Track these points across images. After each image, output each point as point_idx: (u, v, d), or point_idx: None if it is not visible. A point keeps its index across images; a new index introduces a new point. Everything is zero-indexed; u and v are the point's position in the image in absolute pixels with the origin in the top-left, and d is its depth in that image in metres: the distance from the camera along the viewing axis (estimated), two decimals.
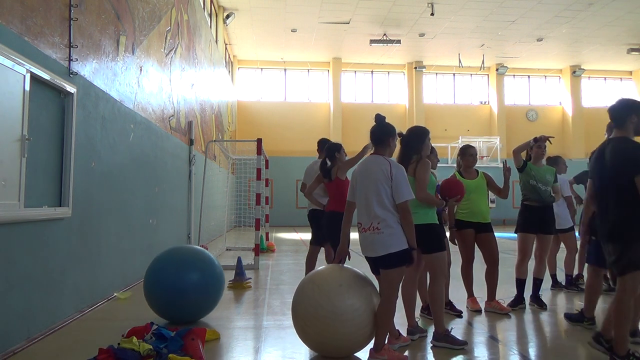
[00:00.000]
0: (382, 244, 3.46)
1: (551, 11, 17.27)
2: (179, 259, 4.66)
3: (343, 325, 3.42)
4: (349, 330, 3.45)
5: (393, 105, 24.30)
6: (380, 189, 3.49)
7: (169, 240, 8.71)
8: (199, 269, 4.60)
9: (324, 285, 3.56)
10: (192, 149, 10.72)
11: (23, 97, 3.74)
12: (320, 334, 3.51)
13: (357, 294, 3.50)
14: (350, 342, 3.53)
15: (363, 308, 3.47)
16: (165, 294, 4.47)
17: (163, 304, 4.54)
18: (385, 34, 19.66)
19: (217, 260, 4.93)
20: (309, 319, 3.54)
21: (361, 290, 3.54)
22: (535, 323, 4.85)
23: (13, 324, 3.78)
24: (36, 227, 4.08)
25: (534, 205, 5.35)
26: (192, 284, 4.48)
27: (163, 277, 4.50)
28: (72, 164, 4.58)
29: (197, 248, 4.94)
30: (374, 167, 3.59)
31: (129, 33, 6.51)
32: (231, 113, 20.47)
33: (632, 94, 25.14)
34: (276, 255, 10.57)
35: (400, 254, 3.45)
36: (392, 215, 3.48)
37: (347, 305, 3.44)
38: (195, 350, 3.48)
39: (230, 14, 17.34)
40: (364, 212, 3.58)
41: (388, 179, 3.49)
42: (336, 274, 3.66)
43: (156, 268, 4.62)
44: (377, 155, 3.68)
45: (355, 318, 3.44)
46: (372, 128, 3.77)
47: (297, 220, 22.20)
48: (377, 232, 3.47)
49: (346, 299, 3.45)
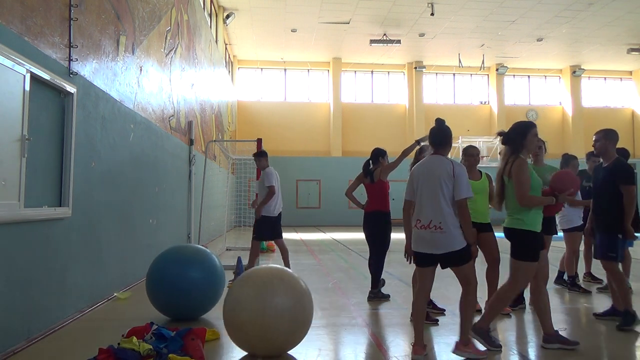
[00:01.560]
0: (444, 241, 3.60)
1: (551, 11, 17.28)
2: (181, 256, 4.76)
3: (272, 323, 3.47)
4: (279, 327, 3.50)
5: (393, 105, 24.30)
6: (444, 187, 3.63)
7: (169, 240, 8.71)
8: (201, 266, 4.69)
9: (252, 285, 3.62)
10: (192, 149, 10.72)
11: (23, 97, 3.74)
12: (250, 333, 3.52)
13: (285, 292, 3.58)
14: (280, 340, 3.56)
15: (292, 305, 3.54)
16: (168, 291, 4.55)
17: (165, 301, 4.62)
18: (385, 34, 19.66)
19: (219, 259, 5.01)
20: (240, 319, 3.54)
21: (290, 288, 3.62)
22: (535, 323, 4.85)
23: (13, 324, 3.77)
24: (36, 227, 4.07)
25: None
26: (195, 281, 4.56)
27: (166, 275, 4.58)
28: (72, 164, 4.58)
29: (199, 247, 5.04)
30: (437, 166, 3.72)
31: (129, 33, 6.51)
32: (231, 113, 20.47)
33: (632, 94, 25.16)
34: (276, 255, 10.56)
35: (463, 250, 3.62)
36: (453, 213, 3.63)
37: (276, 303, 3.50)
38: (196, 350, 3.48)
39: (230, 14, 17.34)
40: (424, 210, 3.71)
41: (451, 177, 3.63)
42: (265, 273, 3.76)
43: (159, 265, 4.72)
44: (439, 156, 3.81)
45: (285, 316, 3.49)
46: (433, 130, 3.91)
47: (297, 220, 22.22)
48: (439, 230, 3.61)
49: (275, 297, 3.51)
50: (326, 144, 23.59)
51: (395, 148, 25.36)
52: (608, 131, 4.78)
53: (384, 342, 4.13)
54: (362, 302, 5.64)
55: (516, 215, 3.87)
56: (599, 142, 4.74)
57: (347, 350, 4.03)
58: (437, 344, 4.09)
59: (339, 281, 7.06)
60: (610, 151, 4.72)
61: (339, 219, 22.45)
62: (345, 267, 8.51)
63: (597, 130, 4.88)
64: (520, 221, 3.83)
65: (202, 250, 4.96)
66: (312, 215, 22.62)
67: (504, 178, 3.95)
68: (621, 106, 25.41)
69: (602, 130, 4.83)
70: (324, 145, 23.60)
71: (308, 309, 3.70)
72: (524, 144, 3.90)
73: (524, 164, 3.81)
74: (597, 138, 4.78)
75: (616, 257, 4.59)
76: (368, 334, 4.35)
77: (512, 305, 5.26)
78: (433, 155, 3.87)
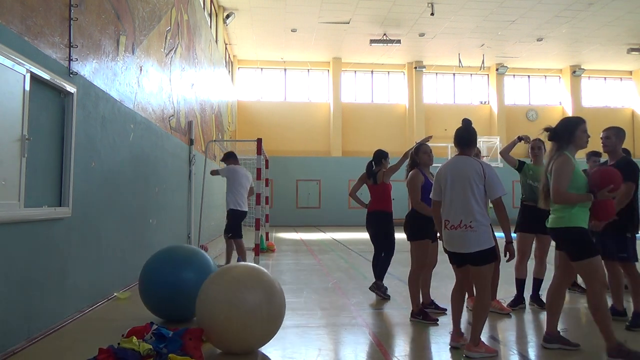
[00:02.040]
0: (474, 240, 3.68)
1: (551, 11, 17.27)
2: (174, 257, 4.69)
3: (244, 319, 3.55)
4: (250, 323, 3.57)
5: (393, 105, 24.30)
6: (474, 187, 3.70)
7: (169, 240, 8.71)
8: (194, 267, 4.61)
9: (224, 282, 3.74)
10: (192, 149, 10.72)
11: (23, 97, 3.74)
12: (222, 329, 3.61)
13: (257, 289, 3.67)
14: (251, 337, 3.65)
15: (263, 302, 3.62)
16: (160, 293, 4.51)
17: (158, 302, 4.59)
18: (385, 34, 19.66)
19: (213, 260, 4.94)
20: (213, 316, 3.62)
21: (260, 286, 3.71)
22: (535, 323, 4.86)
23: (13, 324, 3.78)
24: (36, 227, 4.08)
25: (532, 205, 5.35)
26: (188, 282, 4.46)
27: (159, 276, 4.54)
28: (72, 164, 4.58)
29: (193, 247, 4.99)
30: (465, 167, 3.78)
31: (129, 33, 6.51)
32: (231, 113, 20.47)
33: (632, 94, 25.16)
34: (276, 255, 10.57)
35: (490, 251, 3.71)
36: (483, 213, 3.71)
37: (248, 300, 3.59)
38: (195, 350, 3.48)
39: (230, 14, 17.34)
40: (452, 210, 3.78)
41: (482, 177, 3.71)
42: (238, 271, 3.92)
43: (152, 267, 4.67)
44: (465, 156, 3.87)
45: (256, 312, 3.57)
46: (459, 130, 3.94)
47: (297, 220, 22.22)
48: (469, 230, 3.69)
49: (246, 294, 3.61)
50: (326, 144, 23.59)
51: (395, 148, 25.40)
52: (619, 130, 4.71)
53: (384, 342, 4.13)
54: (362, 302, 5.64)
55: (559, 213, 3.78)
56: (610, 140, 4.67)
57: (347, 350, 4.03)
58: (437, 344, 4.09)
59: (339, 281, 7.06)
60: (618, 150, 4.70)
61: (339, 219, 22.45)
62: (345, 267, 8.52)
63: (605, 128, 4.78)
64: (562, 219, 3.75)
65: (196, 251, 4.90)
66: (312, 215, 22.61)
67: (547, 175, 3.89)
68: (621, 106, 25.41)
69: (612, 128, 4.73)
70: (324, 145, 23.60)
71: (278, 305, 3.77)
72: (572, 140, 3.81)
73: (566, 161, 3.72)
74: (607, 135, 4.69)
75: (628, 258, 4.55)
76: (368, 333, 4.35)
77: (512, 306, 5.27)
78: (459, 155, 3.92)
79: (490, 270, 3.80)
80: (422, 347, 4.13)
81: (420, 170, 5.02)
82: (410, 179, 4.98)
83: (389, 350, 3.93)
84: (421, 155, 5.03)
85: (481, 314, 3.74)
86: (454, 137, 3.98)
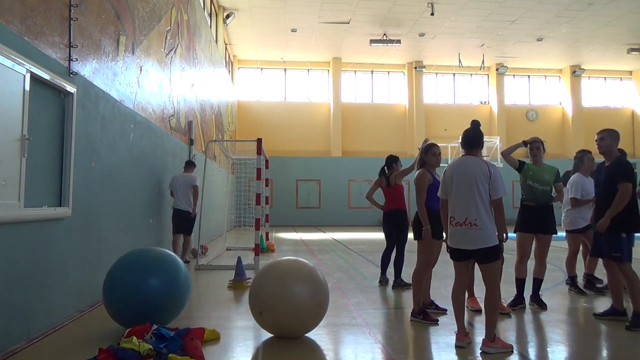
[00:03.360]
0: (478, 238, 3.80)
1: (551, 11, 17.28)
2: (140, 262, 4.24)
3: (294, 309, 3.96)
4: (299, 312, 3.99)
5: (393, 105, 24.30)
6: (480, 186, 3.82)
7: (169, 239, 8.71)
8: (161, 273, 4.18)
9: (277, 275, 4.15)
10: (192, 149, 10.72)
11: (23, 97, 3.74)
12: (275, 317, 4.02)
13: (304, 282, 4.07)
14: (300, 324, 4.08)
15: (309, 293, 4.02)
16: (122, 301, 4.07)
17: (119, 311, 4.14)
18: (385, 34, 19.66)
19: (184, 265, 4.52)
20: (266, 305, 4.02)
21: (308, 278, 4.11)
22: (535, 323, 4.85)
23: (13, 324, 3.78)
24: (36, 227, 4.08)
25: (531, 205, 5.36)
26: (152, 290, 4.06)
27: (122, 282, 4.09)
28: (72, 164, 4.58)
29: (163, 251, 4.50)
30: (472, 166, 3.90)
31: (129, 33, 6.51)
32: (231, 113, 20.47)
33: (632, 94, 25.16)
34: (276, 255, 10.57)
35: (494, 248, 3.83)
36: (487, 211, 3.82)
37: (296, 291, 4.00)
38: (195, 350, 3.48)
39: (230, 14, 17.34)
40: (458, 207, 3.90)
41: (487, 177, 3.83)
42: (287, 265, 4.31)
43: (115, 272, 4.18)
44: (472, 157, 3.99)
45: (303, 302, 3.98)
46: (468, 132, 4.06)
47: (297, 220, 22.22)
48: (474, 227, 3.81)
49: (295, 286, 4.03)
50: (326, 144, 23.59)
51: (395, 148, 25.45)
52: (612, 131, 4.81)
53: (384, 342, 4.13)
54: (362, 302, 5.64)
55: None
56: (605, 142, 4.74)
57: (347, 350, 4.03)
58: (437, 344, 4.09)
59: (338, 281, 7.05)
60: (613, 151, 4.78)
61: (339, 219, 22.45)
62: (345, 267, 8.51)
63: (599, 130, 4.87)
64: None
65: (166, 255, 4.39)
66: (312, 215, 22.61)
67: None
68: (621, 106, 25.41)
69: (606, 129, 4.82)
70: (324, 145, 23.59)
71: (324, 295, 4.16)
72: None
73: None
74: (602, 137, 4.77)
75: (621, 257, 4.57)
76: (368, 334, 4.35)
77: (512, 305, 5.26)
78: (466, 155, 4.04)
79: (498, 267, 3.92)
80: (422, 347, 4.13)
81: (428, 170, 5.07)
82: (417, 178, 5.01)
83: (389, 350, 3.92)
84: (430, 157, 5.10)
85: (493, 309, 3.84)
86: (462, 138, 4.09)
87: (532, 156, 5.47)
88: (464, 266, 4.02)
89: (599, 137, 4.81)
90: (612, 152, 4.76)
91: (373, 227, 21.53)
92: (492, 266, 3.87)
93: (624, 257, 4.58)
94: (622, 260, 4.58)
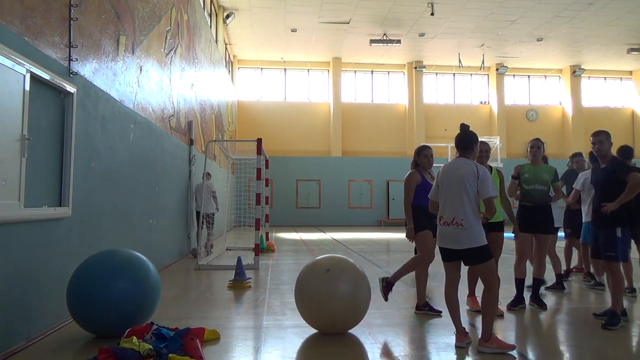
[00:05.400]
0: (465, 238, 3.84)
1: (551, 11, 17.28)
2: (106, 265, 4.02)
3: (336, 305, 4.10)
4: (341, 309, 4.11)
5: (393, 105, 24.30)
6: (467, 186, 3.87)
7: (169, 239, 8.72)
8: (127, 277, 3.99)
9: (318, 273, 4.30)
10: (192, 149, 10.72)
11: (23, 97, 3.74)
12: (319, 313, 4.17)
13: (345, 279, 4.21)
14: (343, 320, 4.19)
15: (351, 290, 4.15)
16: (86, 306, 3.86)
17: (82, 316, 3.93)
18: (385, 34, 19.66)
19: (154, 267, 4.34)
20: (310, 301, 4.20)
21: (349, 276, 4.24)
22: (535, 323, 4.85)
23: (13, 324, 3.78)
24: (36, 227, 4.07)
25: (529, 206, 5.38)
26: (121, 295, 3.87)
27: (86, 286, 3.88)
28: (72, 164, 4.58)
29: (131, 253, 4.30)
30: (462, 168, 3.96)
31: (129, 33, 6.51)
32: (231, 113, 20.47)
33: (632, 94, 25.16)
34: (276, 255, 10.57)
35: (482, 248, 3.85)
36: (475, 212, 3.86)
37: (337, 288, 4.13)
38: (195, 350, 3.48)
39: (230, 14, 17.34)
40: (447, 207, 3.95)
41: (475, 178, 3.88)
42: (326, 263, 4.43)
43: (79, 274, 3.97)
44: (464, 159, 4.05)
45: (345, 299, 4.11)
46: (458, 136, 4.13)
47: (297, 220, 22.22)
48: (460, 227, 3.85)
49: (337, 283, 4.15)
50: (326, 144, 23.59)
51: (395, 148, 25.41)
52: (608, 133, 4.87)
53: (384, 342, 4.13)
54: None
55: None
56: (604, 145, 4.81)
57: (347, 350, 4.03)
58: (437, 344, 4.09)
59: None
60: (609, 153, 4.86)
61: (339, 219, 22.46)
62: None
63: (594, 132, 4.93)
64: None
65: (135, 257, 4.21)
66: (312, 215, 22.61)
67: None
68: (621, 106, 25.42)
69: (601, 132, 4.87)
70: (324, 145, 23.60)
71: (365, 291, 4.29)
72: None
73: None
74: (599, 140, 4.83)
75: (616, 257, 4.62)
76: (368, 334, 4.35)
77: (512, 305, 5.27)
78: (458, 157, 4.10)
79: (490, 268, 3.91)
80: (422, 347, 4.13)
81: (418, 171, 5.14)
82: (407, 179, 5.14)
83: (389, 350, 3.92)
84: (422, 159, 5.17)
85: (488, 310, 3.85)
86: (454, 141, 4.17)
87: (532, 155, 5.48)
88: (453, 266, 4.06)
89: (597, 139, 4.85)
90: (608, 155, 4.85)
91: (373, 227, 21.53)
92: (482, 267, 3.89)
93: (618, 257, 4.64)
94: (616, 259, 4.64)
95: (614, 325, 4.48)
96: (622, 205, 4.63)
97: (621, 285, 4.69)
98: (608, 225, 4.68)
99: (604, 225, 4.72)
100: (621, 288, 4.69)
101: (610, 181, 4.72)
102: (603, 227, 4.73)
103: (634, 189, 4.60)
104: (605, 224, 4.70)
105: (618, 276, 4.66)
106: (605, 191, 4.76)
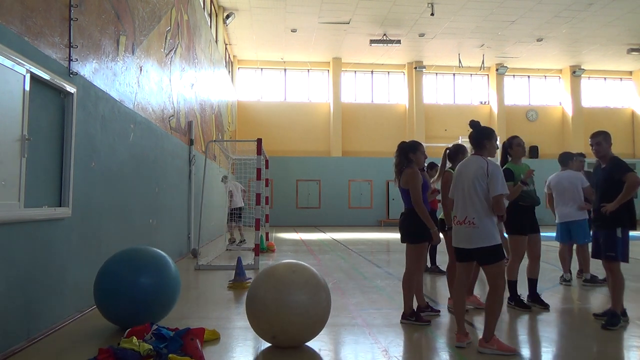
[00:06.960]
0: (476, 236, 3.79)
1: (551, 11, 17.28)
2: (132, 262, 4.35)
3: (292, 316, 3.72)
4: (297, 320, 3.74)
5: (393, 105, 24.30)
6: (477, 185, 3.83)
7: (169, 240, 8.72)
8: (152, 273, 4.28)
9: (274, 281, 3.87)
10: (192, 149, 10.72)
11: (23, 97, 3.74)
12: (271, 325, 3.77)
13: (304, 289, 3.81)
14: (299, 333, 3.83)
15: (309, 301, 3.77)
16: (115, 299, 4.15)
17: (111, 309, 4.22)
18: (385, 34, 19.66)
19: (174, 264, 4.59)
20: (261, 311, 3.80)
21: (308, 286, 3.85)
22: (535, 323, 4.85)
23: (13, 324, 3.78)
24: (36, 227, 4.08)
25: (526, 206, 5.32)
26: (144, 289, 4.15)
27: (113, 282, 4.19)
28: (72, 164, 4.58)
29: (154, 251, 4.58)
30: (473, 165, 3.93)
31: (129, 33, 6.51)
32: (231, 113, 20.47)
33: (632, 94, 25.16)
34: (276, 255, 10.57)
35: (494, 248, 3.78)
36: (486, 210, 3.81)
37: (294, 298, 3.75)
38: (195, 350, 3.48)
39: (230, 14, 17.34)
40: (459, 206, 3.94)
41: (485, 175, 3.82)
42: (287, 270, 3.99)
43: (106, 271, 4.30)
44: (477, 156, 4.01)
45: (302, 310, 3.73)
46: (470, 134, 4.07)
47: (297, 220, 22.22)
48: (472, 226, 3.81)
49: (294, 293, 3.77)
50: (326, 144, 23.59)
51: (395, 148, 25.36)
52: (606, 134, 4.87)
53: (384, 342, 4.13)
54: (362, 302, 5.64)
55: None
56: (602, 146, 4.82)
57: (347, 350, 4.03)
58: (436, 344, 4.09)
59: (338, 281, 7.05)
60: (609, 153, 4.86)
61: (339, 219, 22.45)
62: (345, 267, 8.51)
63: (593, 133, 4.93)
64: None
65: (157, 254, 4.49)
66: (312, 216, 22.61)
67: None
68: (621, 106, 25.41)
69: (600, 133, 4.87)
70: (324, 145, 23.60)
71: (324, 303, 3.91)
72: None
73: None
74: (598, 141, 4.84)
75: (616, 257, 4.61)
76: (368, 334, 4.35)
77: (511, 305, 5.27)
78: (472, 155, 4.08)
79: (500, 270, 3.83)
80: (421, 347, 4.13)
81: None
82: (412, 177, 4.68)
83: (389, 351, 3.93)
84: (419, 155, 4.82)
85: (491, 312, 3.79)
86: (469, 138, 4.13)
87: (516, 154, 5.32)
88: (465, 268, 4.00)
89: (595, 141, 4.86)
90: (607, 155, 4.84)
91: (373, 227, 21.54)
92: (492, 269, 3.80)
93: (618, 257, 4.64)
94: (616, 259, 4.64)
95: (614, 325, 4.47)
96: (622, 205, 4.62)
97: (621, 285, 4.67)
98: (608, 226, 4.67)
99: (604, 226, 4.71)
100: (621, 288, 4.67)
101: (610, 182, 4.73)
102: (603, 227, 4.72)
103: (631, 189, 4.60)
104: (605, 224, 4.69)
105: (618, 276, 4.65)
106: (606, 192, 4.76)
